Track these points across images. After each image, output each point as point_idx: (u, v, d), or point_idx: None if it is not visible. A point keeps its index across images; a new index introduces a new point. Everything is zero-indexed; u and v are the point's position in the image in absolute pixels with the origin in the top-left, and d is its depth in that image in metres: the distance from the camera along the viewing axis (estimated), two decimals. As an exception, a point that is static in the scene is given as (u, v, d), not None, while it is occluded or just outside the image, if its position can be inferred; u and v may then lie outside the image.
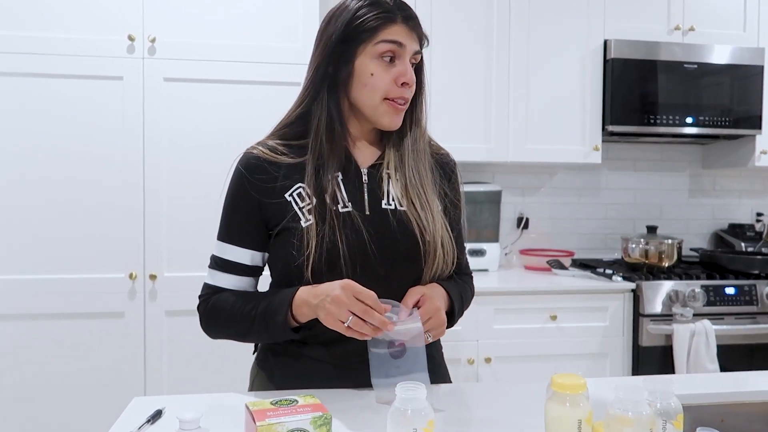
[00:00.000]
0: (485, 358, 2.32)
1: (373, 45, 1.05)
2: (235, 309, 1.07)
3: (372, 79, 1.05)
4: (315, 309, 0.98)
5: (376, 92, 1.06)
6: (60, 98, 2.07)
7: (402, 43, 1.05)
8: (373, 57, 1.05)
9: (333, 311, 0.95)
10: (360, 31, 1.05)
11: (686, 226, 3.11)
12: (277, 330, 1.03)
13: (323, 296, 0.97)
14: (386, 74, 1.05)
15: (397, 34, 1.05)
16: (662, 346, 2.37)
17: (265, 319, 1.04)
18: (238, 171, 1.10)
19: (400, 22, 1.05)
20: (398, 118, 1.08)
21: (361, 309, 0.94)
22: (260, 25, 2.17)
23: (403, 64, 1.06)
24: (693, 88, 2.64)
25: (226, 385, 2.13)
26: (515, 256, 2.91)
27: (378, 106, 1.06)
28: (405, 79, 1.05)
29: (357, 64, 1.06)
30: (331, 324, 0.96)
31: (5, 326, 2.07)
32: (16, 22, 2.04)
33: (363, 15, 1.05)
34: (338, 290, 0.96)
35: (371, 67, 1.05)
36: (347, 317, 0.94)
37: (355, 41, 1.05)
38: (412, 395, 0.76)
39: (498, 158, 2.61)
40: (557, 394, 0.78)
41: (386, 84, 1.05)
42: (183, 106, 2.14)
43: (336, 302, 0.95)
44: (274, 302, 1.04)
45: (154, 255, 2.13)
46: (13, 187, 2.06)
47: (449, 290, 1.10)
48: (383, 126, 1.09)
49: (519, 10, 2.59)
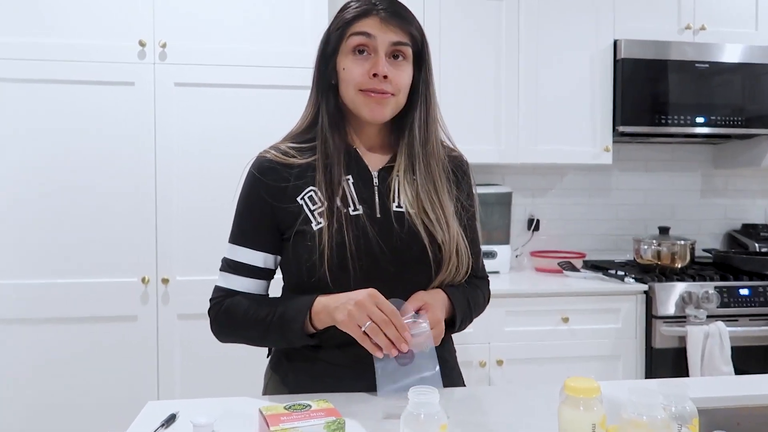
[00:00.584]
0: (497, 361, 2.31)
1: (346, 40, 1.07)
2: (250, 314, 1.07)
3: (345, 73, 1.07)
4: (333, 312, 0.99)
5: (349, 85, 1.07)
6: (73, 104, 2.09)
7: (371, 34, 1.05)
8: (347, 52, 1.07)
9: (354, 313, 0.96)
10: (337, 28, 1.08)
11: (699, 226, 3.08)
12: (293, 336, 1.03)
13: (345, 299, 0.98)
14: (357, 67, 1.06)
15: (367, 26, 1.05)
16: (675, 348, 2.35)
17: (281, 325, 1.04)
18: (251, 174, 1.11)
19: (373, 15, 1.06)
20: (379, 109, 1.07)
21: (381, 318, 0.95)
22: (269, 30, 2.18)
23: (376, 56, 1.06)
24: (704, 88, 2.63)
25: (238, 389, 2.12)
26: (526, 258, 2.90)
27: (354, 98, 1.07)
28: (375, 70, 1.04)
29: (337, 61, 1.09)
30: (348, 326, 0.97)
31: (21, 330, 2.09)
32: (29, 29, 2.06)
33: (343, 12, 1.09)
34: (363, 296, 0.97)
35: (345, 62, 1.07)
36: (366, 322, 0.95)
37: (334, 39, 1.08)
38: (425, 399, 0.76)
39: (508, 160, 2.60)
40: (571, 397, 0.78)
41: (357, 76, 1.06)
42: (194, 111, 2.15)
43: (359, 305, 0.96)
44: (291, 308, 1.04)
45: (166, 259, 2.15)
46: (27, 193, 2.08)
47: (453, 298, 1.09)
48: (365, 119, 1.09)
49: (528, 11, 2.59)
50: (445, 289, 1.10)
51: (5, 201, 2.07)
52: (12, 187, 2.07)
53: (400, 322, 0.96)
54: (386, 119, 1.10)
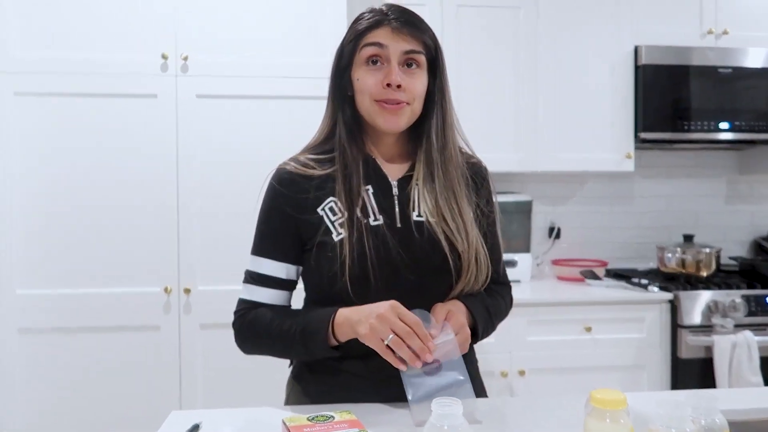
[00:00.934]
0: (519, 371, 2.28)
1: (359, 51, 1.08)
2: (273, 326, 1.07)
3: (359, 83, 1.08)
4: (356, 325, 0.98)
5: (364, 96, 1.07)
6: (97, 116, 2.13)
7: (383, 44, 1.06)
8: (361, 63, 1.08)
9: (376, 327, 0.95)
10: (350, 40, 1.09)
11: (724, 233, 3.02)
12: (316, 349, 1.03)
13: (367, 312, 0.97)
14: (371, 77, 1.06)
15: (379, 37, 1.06)
16: (702, 358, 2.30)
17: (304, 339, 1.04)
18: (272, 186, 1.12)
19: (385, 25, 1.06)
20: (394, 119, 1.07)
21: (404, 330, 0.94)
22: (290, 41, 2.20)
23: (389, 66, 1.06)
24: (728, 93, 2.59)
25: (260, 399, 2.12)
26: (547, 267, 2.88)
27: (370, 108, 1.08)
28: (389, 79, 1.05)
29: (352, 72, 1.09)
30: (371, 340, 0.96)
31: (46, 339, 2.12)
32: (54, 44, 2.10)
33: (355, 24, 1.10)
34: (384, 308, 0.96)
35: (359, 72, 1.08)
36: (388, 335, 0.94)
37: (348, 51, 1.09)
38: (448, 411, 0.76)
39: (528, 168, 2.59)
40: (597, 410, 0.77)
41: (371, 86, 1.06)
42: (215, 122, 2.18)
43: (380, 319, 0.95)
44: (314, 321, 1.04)
45: (188, 269, 2.17)
46: (51, 204, 2.12)
47: (471, 307, 1.08)
48: (382, 129, 1.09)
49: (546, 19, 2.58)
50: (464, 299, 1.09)
51: (30, 212, 2.11)
52: (36, 199, 2.11)
53: (423, 332, 0.96)
54: (402, 128, 1.10)
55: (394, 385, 1.00)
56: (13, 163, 2.10)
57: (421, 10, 2.41)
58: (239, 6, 2.18)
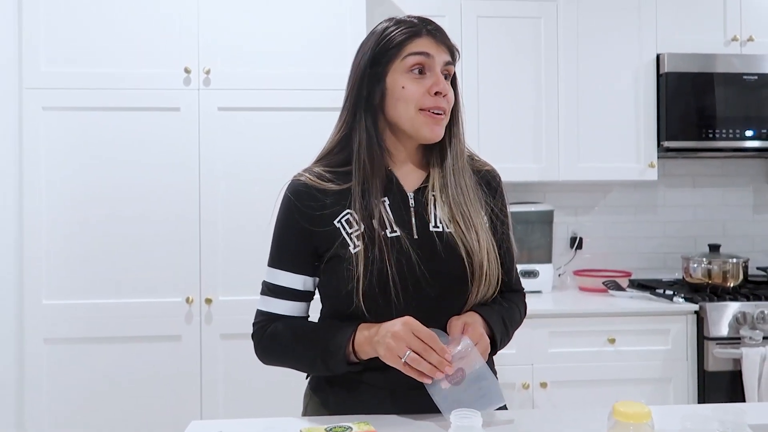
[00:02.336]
0: (540, 383, 2.25)
1: (402, 60, 1.07)
2: (292, 346, 1.09)
3: (404, 92, 1.07)
4: (376, 345, 0.99)
5: (410, 104, 1.07)
6: (121, 130, 2.17)
7: (430, 54, 1.07)
8: (404, 71, 1.07)
9: (392, 346, 0.96)
10: (387, 48, 1.08)
11: (752, 243, 2.96)
12: (337, 368, 1.04)
13: (384, 332, 0.98)
14: (418, 85, 1.07)
15: (423, 46, 1.07)
16: (730, 371, 2.25)
17: (325, 359, 1.04)
18: (287, 198, 1.12)
19: (425, 34, 1.08)
20: (439, 129, 1.08)
21: (420, 346, 0.95)
22: (309, 53, 2.23)
23: (435, 75, 1.07)
24: (753, 100, 2.54)
25: (280, 408, 2.13)
26: (569, 277, 2.84)
27: (414, 118, 1.07)
28: (438, 88, 1.06)
29: (388, 81, 1.09)
30: (391, 360, 0.97)
31: (70, 349, 2.15)
32: (80, 60, 2.15)
33: (390, 33, 1.09)
34: (398, 326, 0.97)
35: (402, 80, 1.07)
36: (405, 353, 0.94)
37: (384, 60, 1.08)
38: (467, 423, 0.75)
39: (549, 177, 2.57)
40: (620, 423, 0.75)
41: (419, 95, 1.06)
42: (236, 134, 2.20)
43: (395, 338, 0.96)
44: (334, 342, 1.04)
45: (209, 279, 2.19)
46: (78, 216, 2.16)
47: (487, 317, 1.07)
48: (425, 138, 1.09)
49: (567, 28, 2.57)
50: (479, 310, 1.09)
51: (55, 223, 2.15)
52: (62, 210, 2.15)
53: (439, 345, 0.96)
54: (440, 138, 1.10)
55: (413, 396, 1.00)
56: (40, 176, 2.14)
57: (441, 20, 2.42)
58: (260, 20, 2.21)
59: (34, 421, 2.13)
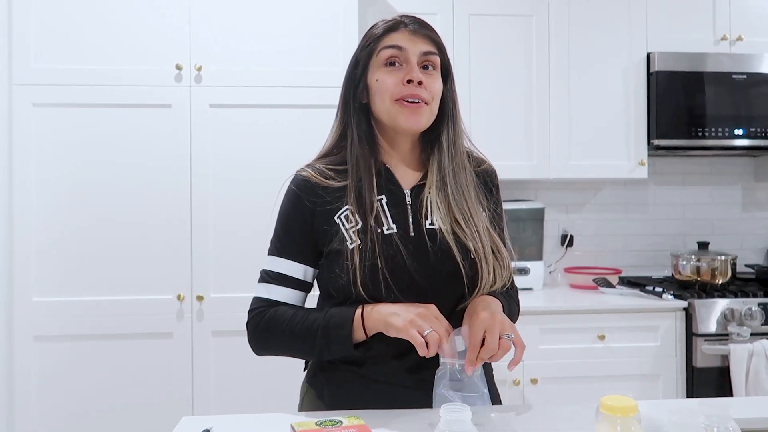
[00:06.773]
0: (531, 380, 2.27)
1: (377, 55, 1.10)
2: (295, 321, 1.07)
3: (379, 84, 1.09)
4: (390, 317, 1.00)
5: (385, 96, 1.09)
6: (113, 126, 2.16)
7: (402, 47, 1.09)
8: (379, 66, 1.10)
9: (415, 321, 0.98)
10: (367, 46, 1.12)
11: (740, 241, 2.99)
12: (338, 344, 1.03)
13: (404, 308, 1.00)
14: (391, 76, 1.09)
15: (397, 40, 1.09)
16: (718, 367, 2.27)
17: (327, 333, 1.04)
18: (291, 190, 1.14)
19: (401, 28, 1.10)
20: (416, 117, 1.09)
21: (443, 331, 0.99)
22: (302, 51, 2.22)
23: (408, 65, 1.09)
24: (742, 99, 2.57)
25: (272, 405, 2.14)
26: (560, 275, 2.86)
27: (390, 109, 1.09)
28: (410, 76, 1.07)
29: (369, 77, 1.11)
30: (407, 332, 0.97)
31: (61, 346, 2.14)
32: (70, 56, 2.14)
33: (371, 32, 1.13)
34: (426, 307, 1.01)
35: (377, 74, 1.10)
36: (427, 329, 0.97)
37: (366, 58, 1.12)
38: (456, 417, 0.75)
39: (540, 175, 2.58)
40: (607, 416, 0.76)
41: (391, 85, 1.08)
42: (227, 131, 2.20)
43: (421, 316, 0.99)
44: (340, 315, 1.05)
45: (201, 276, 2.18)
46: (68, 213, 2.15)
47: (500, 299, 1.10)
48: (403, 129, 1.10)
49: (558, 26, 2.58)
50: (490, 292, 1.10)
51: (46, 221, 2.14)
52: (52, 207, 2.14)
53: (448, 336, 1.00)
54: (422, 128, 1.11)
55: (409, 388, 1.01)
56: (30, 173, 2.13)
57: (433, 19, 2.44)
58: (252, 17, 2.21)
59: (23, 417, 2.12)
